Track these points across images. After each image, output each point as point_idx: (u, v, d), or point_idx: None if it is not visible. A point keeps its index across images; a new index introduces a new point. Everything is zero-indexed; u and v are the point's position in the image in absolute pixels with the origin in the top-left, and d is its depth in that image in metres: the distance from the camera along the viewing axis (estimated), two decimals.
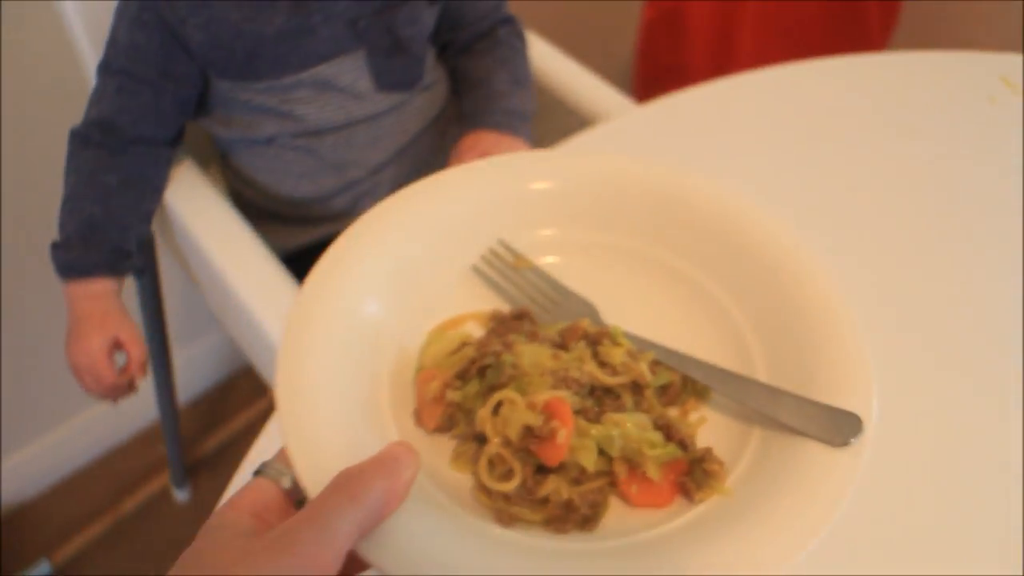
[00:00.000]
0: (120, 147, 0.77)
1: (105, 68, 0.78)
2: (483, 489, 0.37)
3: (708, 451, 0.37)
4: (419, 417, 0.40)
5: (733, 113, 0.71)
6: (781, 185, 0.62)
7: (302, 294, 0.41)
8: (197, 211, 0.82)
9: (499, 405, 0.37)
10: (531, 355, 0.38)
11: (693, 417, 0.40)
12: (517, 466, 0.36)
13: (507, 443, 0.36)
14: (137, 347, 0.79)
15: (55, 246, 0.78)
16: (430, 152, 0.89)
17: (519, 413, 0.36)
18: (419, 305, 0.44)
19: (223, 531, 0.31)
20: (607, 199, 0.46)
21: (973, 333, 0.56)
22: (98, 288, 0.78)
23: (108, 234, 0.77)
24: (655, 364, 0.40)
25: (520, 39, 0.89)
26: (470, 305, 0.45)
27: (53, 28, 0.90)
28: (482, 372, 0.39)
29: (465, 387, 0.39)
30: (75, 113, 0.81)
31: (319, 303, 0.41)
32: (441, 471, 0.38)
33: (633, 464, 0.37)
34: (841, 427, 0.36)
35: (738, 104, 0.72)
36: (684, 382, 0.40)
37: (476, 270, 0.46)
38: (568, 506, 0.36)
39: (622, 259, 0.45)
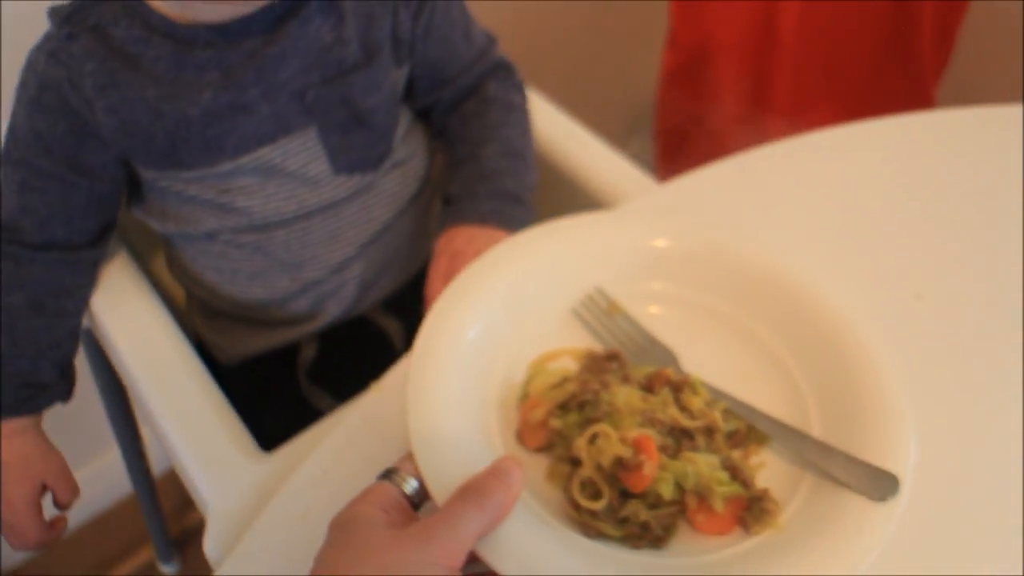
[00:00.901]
0: (27, 256, 0.63)
1: (5, 159, 0.64)
2: (573, 505, 0.44)
3: (766, 491, 0.44)
4: (521, 438, 0.47)
5: (767, 185, 0.69)
6: (823, 253, 0.64)
7: (427, 325, 0.49)
8: (120, 319, 0.66)
9: (595, 436, 0.44)
10: (624, 396, 0.46)
11: (754, 461, 0.47)
12: (606, 489, 0.43)
13: (599, 468, 0.44)
14: (65, 490, 0.67)
15: None
16: (408, 240, 0.75)
17: (612, 445, 0.43)
18: (524, 338, 0.51)
19: (362, 522, 0.39)
20: (707, 266, 0.53)
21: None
22: (12, 428, 0.64)
23: (17, 367, 0.63)
24: (726, 412, 0.47)
25: (517, 90, 0.76)
26: (567, 342, 0.52)
27: None
28: (581, 406, 0.46)
29: (566, 417, 0.46)
30: None
31: (441, 335, 0.48)
32: (535, 485, 0.46)
33: (702, 497, 0.44)
34: (880, 485, 0.42)
35: (772, 175, 0.70)
36: (749, 430, 0.47)
37: (575, 313, 0.53)
38: (645, 526, 0.43)
39: (709, 317, 0.53)
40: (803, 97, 1.06)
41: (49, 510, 0.67)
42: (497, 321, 0.51)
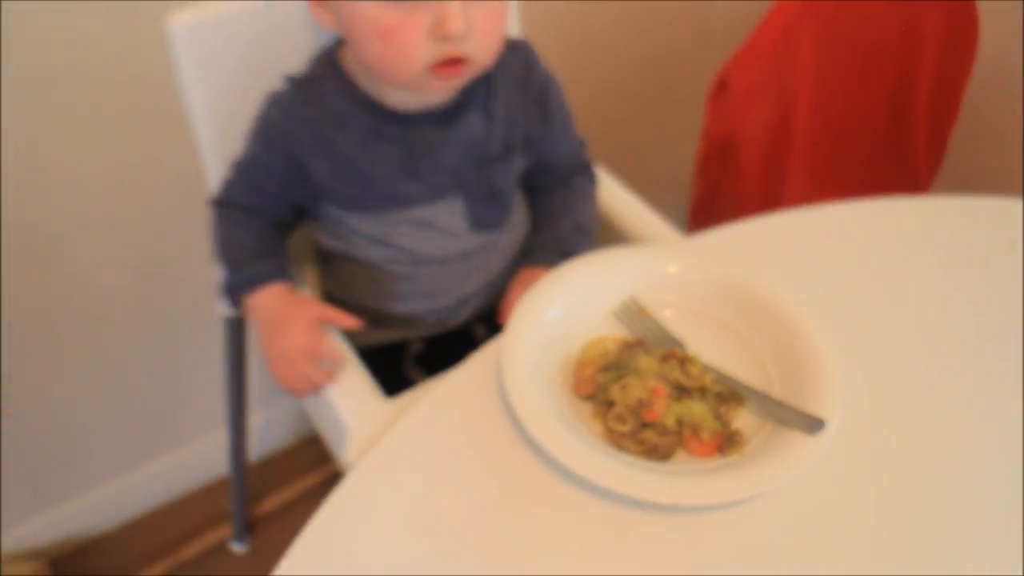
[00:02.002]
0: (252, 216, 0.85)
1: (238, 166, 0.84)
2: (609, 431, 0.66)
3: (737, 430, 0.66)
4: (576, 388, 0.70)
5: (769, 248, 0.85)
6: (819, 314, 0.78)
7: (514, 315, 0.71)
8: None
9: (624, 385, 0.66)
10: (645, 362, 0.68)
11: (732, 411, 0.68)
12: (630, 420, 0.65)
13: (626, 406, 0.65)
14: (342, 318, 0.80)
15: (226, 279, 0.83)
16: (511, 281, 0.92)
17: (636, 390, 0.65)
18: (578, 330, 0.74)
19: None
20: (704, 283, 0.76)
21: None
22: (281, 288, 0.80)
23: (272, 253, 0.83)
24: (715, 380, 0.69)
25: (593, 184, 0.95)
26: (608, 333, 0.74)
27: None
28: (617, 367, 0.68)
29: (606, 374, 0.68)
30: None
31: (528, 318, 0.71)
32: (585, 421, 0.68)
33: (694, 430, 0.65)
34: (813, 425, 0.64)
35: (772, 241, 0.87)
36: (730, 392, 0.69)
37: (615, 314, 0.76)
38: (655, 447, 0.65)
39: (705, 318, 0.75)
40: (813, 186, 1.28)
41: None
42: (561, 316, 0.73)
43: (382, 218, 0.83)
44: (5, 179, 1.09)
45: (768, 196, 1.23)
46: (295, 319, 0.77)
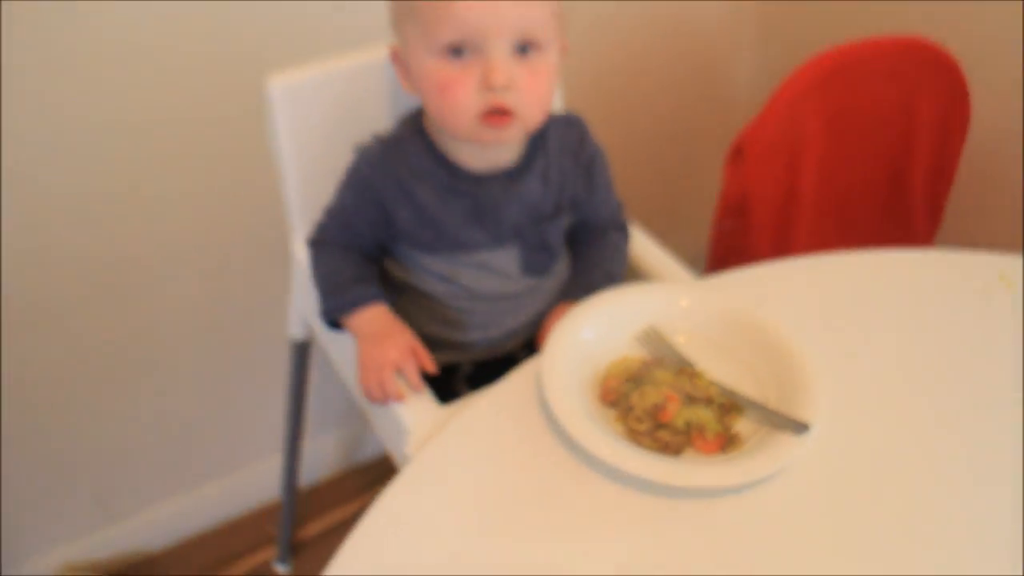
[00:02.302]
0: (348, 250, 0.98)
1: (331, 211, 0.98)
2: (629, 430, 0.79)
3: (737, 433, 0.79)
4: (602, 397, 0.83)
5: (768, 288, 0.98)
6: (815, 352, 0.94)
7: (555, 333, 0.85)
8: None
9: (643, 392, 0.80)
10: (661, 375, 0.81)
11: (733, 418, 0.81)
12: (647, 420, 0.78)
13: (644, 409, 0.79)
14: (426, 356, 0.91)
15: (328, 303, 0.95)
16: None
17: (652, 396, 0.79)
18: (606, 352, 0.87)
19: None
20: (710, 315, 0.90)
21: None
22: (382, 308, 0.94)
23: (371, 279, 0.96)
24: (719, 392, 0.82)
25: (626, 240, 1.08)
26: (631, 354, 0.88)
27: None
28: (637, 379, 0.82)
29: (628, 385, 0.82)
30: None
31: (564, 338, 0.85)
32: (610, 423, 0.81)
33: (700, 431, 0.78)
34: (799, 427, 0.77)
35: (771, 282, 0.99)
36: (732, 403, 0.82)
37: (637, 338, 0.89)
38: (668, 444, 0.78)
39: (714, 344, 0.89)
40: (818, 244, 1.40)
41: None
42: (591, 338, 0.87)
43: (449, 259, 0.96)
44: (102, 215, 1.25)
45: (777, 252, 1.36)
46: (394, 338, 0.90)
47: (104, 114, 1.17)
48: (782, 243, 1.37)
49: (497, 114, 0.86)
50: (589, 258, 1.05)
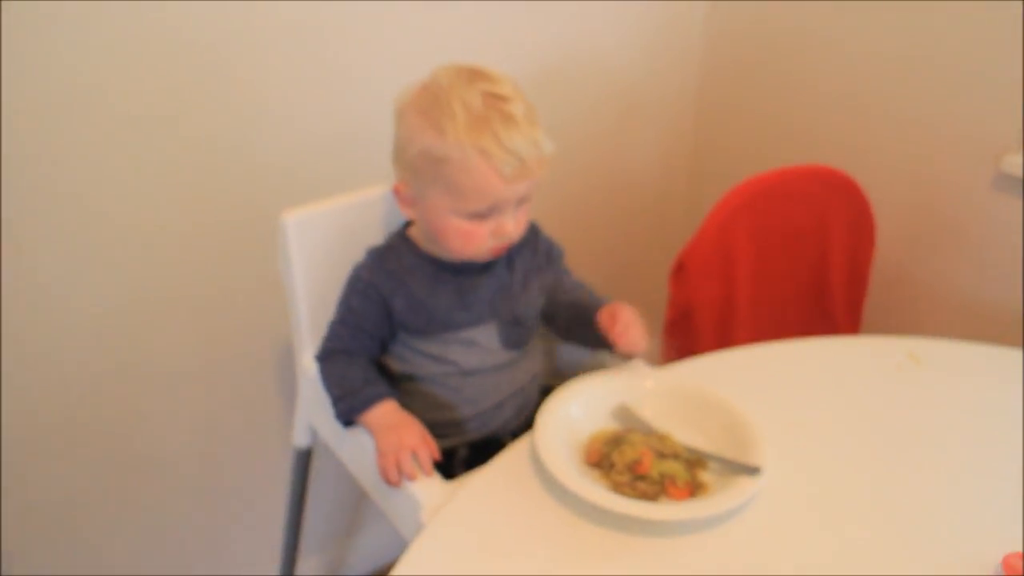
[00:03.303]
0: (354, 357, 1.12)
1: (339, 322, 1.13)
2: (613, 483, 0.94)
3: (703, 482, 0.95)
4: (587, 458, 0.98)
5: (716, 372, 1.16)
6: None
7: (543, 412, 1.01)
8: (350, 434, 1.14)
9: (623, 451, 0.95)
10: (636, 437, 0.97)
11: (698, 471, 0.97)
12: (627, 473, 0.94)
13: (624, 464, 0.94)
14: (432, 446, 1.03)
15: (342, 405, 1.08)
16: (531, 396, 1.22)
17: (630, 454, 0.95)
18: (588, 423, 1.03)
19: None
20: (670, 393, 1.07)
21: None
22: (394, 403, 1.07)
23: (379, 380, 1.10)
24: (684, 449, 0.98)
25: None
26: (608, 426, 1.04)
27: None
28: (617, 442, 0.98)
29: (609, 447, 0.97)
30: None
31: (551, 416, 1.01)
32: (596, 480, 0.96)
33: (673, 480, 0.94)
34: (753, 470, 0.93)
35: (725, 369, 1.18)
36: (696, 458, 0.98)
37: (613, 413, 1.05)
38: (645, 492, 0.93)
39: (676, 415, 1.05)
40: (756, 341, 1.60)
41: None
42: (576, 415, 1.03)
43: (440, 340, 1.12)
44: (110, 347, 1.37)
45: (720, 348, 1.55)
46: (408, 427, 1.04)
47: (112, 226, 1.30)
48: (724, 343, 1.56)
49: (502, 247, 1.09)
50: (569, 301, 1.21)
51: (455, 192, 1.02)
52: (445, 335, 1.12)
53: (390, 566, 0.85)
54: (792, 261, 1.63)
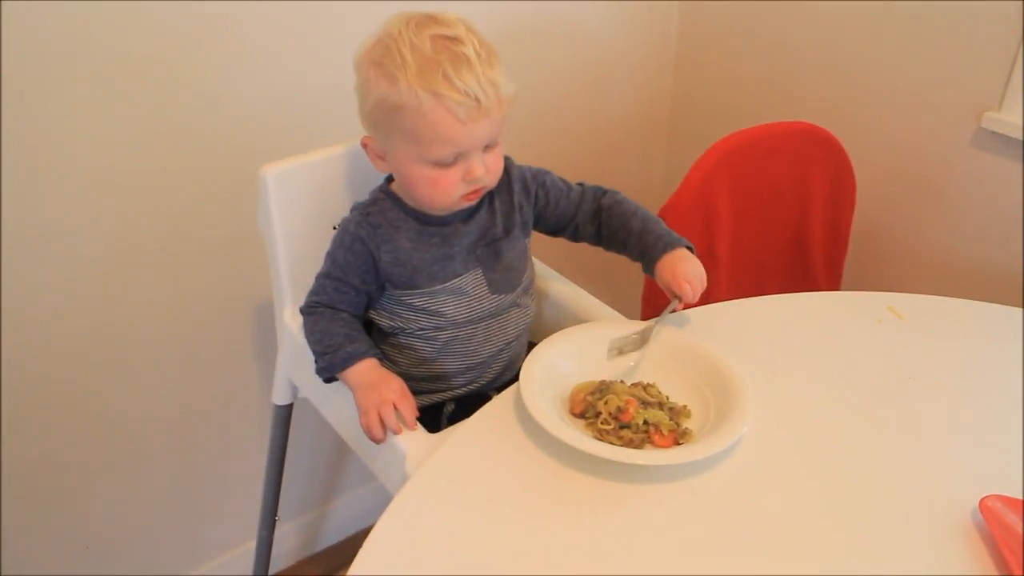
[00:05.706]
0: (337, 313, 1.11)
1: (325, 275, 1.12)
2: (598, 431, 0.94)
3: (687, 429, 0.95)
4: (572, 409, 0.98)
5: (704, 328, 1.15)
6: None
7: (528, 362, 1.01)
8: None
9: (607, 400, 0.95)
10: (619, 387, 0.98)
11: (682, 418, 0.97)
12: (612, 422, 0.94)
13: (609, 413, 0.94)
14: (411, 404, 1.03)
15: (323, 361, 1.07)
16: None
17: (614, 402, 0.95)
18: (573, 374, 1.03)
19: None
20: (657, 343, 1.07)
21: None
22: (375, 360, 1.07)
23: (361, 337, 1.09)
24: (668, 399, 0.98)
25: (619, 194, 1.22)
26: (593, 376, 1.04)
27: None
28: (601, 391, 0.98)
29: (593, 396, 0.97)
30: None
31: (537, 363, 1.01)
32: (581, 430, 0.96)
33: (656, 428, 0.94)
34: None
35: (706, 322, 1.17)
36: (680, 406, 0.98)
37: (597, 364, 1.05)
38: (630, 440, 0.93)
39: (662, 364, 1.06)
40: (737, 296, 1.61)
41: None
42: (560, 366, 1.03)
43: (427, 292, 1.12)
44: (85, 302, 1.36)
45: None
46: (388, 383, 1.04)
47: (86, 177, 1.28)
48: (705, 298, 1.56)
49: (474, 192, 1.07)
50: (612, 229, 1.20)
51: (415, 140, 1.01)
52: (432, 287, 1.12)
53: (367, 532, 0.86)
54: (773, 217, 1.63)
